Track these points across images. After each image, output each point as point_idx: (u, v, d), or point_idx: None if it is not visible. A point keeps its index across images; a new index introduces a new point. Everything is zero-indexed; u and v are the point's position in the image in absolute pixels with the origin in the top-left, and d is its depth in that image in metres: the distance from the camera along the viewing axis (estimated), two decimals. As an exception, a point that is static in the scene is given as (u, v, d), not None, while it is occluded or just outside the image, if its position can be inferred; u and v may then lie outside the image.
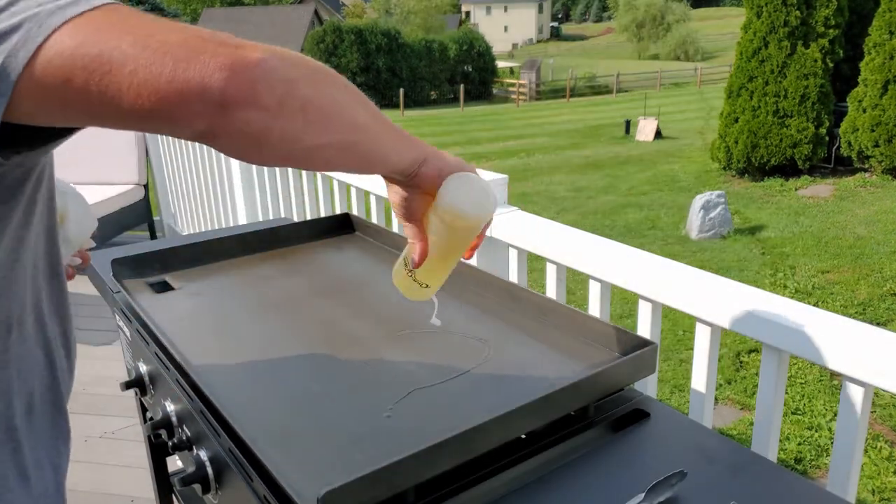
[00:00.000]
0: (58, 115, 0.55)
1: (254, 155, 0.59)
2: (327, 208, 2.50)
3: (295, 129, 0.57)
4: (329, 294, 1.22)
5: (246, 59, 0.53)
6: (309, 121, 0.58)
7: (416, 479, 0.73)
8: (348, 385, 0.93)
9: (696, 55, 47.37)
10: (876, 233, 7.46)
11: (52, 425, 0.81)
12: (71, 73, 0.51)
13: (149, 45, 0.52)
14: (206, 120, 0.53)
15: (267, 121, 0.55)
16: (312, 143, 0.59)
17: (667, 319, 4.97)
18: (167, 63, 0.51)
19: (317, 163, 0.65)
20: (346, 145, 0.63)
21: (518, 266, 1.68)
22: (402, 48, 33.21)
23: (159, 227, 4.79)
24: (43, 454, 0.79)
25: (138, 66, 0.51)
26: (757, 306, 1.12)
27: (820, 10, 9.39)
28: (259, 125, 0.55)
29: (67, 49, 0.51)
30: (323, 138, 0.60)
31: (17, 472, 0.73)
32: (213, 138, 0.56)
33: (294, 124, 0.57)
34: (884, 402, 3.94)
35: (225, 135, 0.55)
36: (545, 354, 1.00)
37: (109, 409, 2.64)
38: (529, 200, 10.12)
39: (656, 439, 0.87)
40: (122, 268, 1.28)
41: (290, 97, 0.56)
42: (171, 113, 0.53)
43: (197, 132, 0.55)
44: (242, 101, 0.53)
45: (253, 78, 0.53)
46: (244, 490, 0.78)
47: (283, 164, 0.64)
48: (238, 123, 0.54)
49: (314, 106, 0.58)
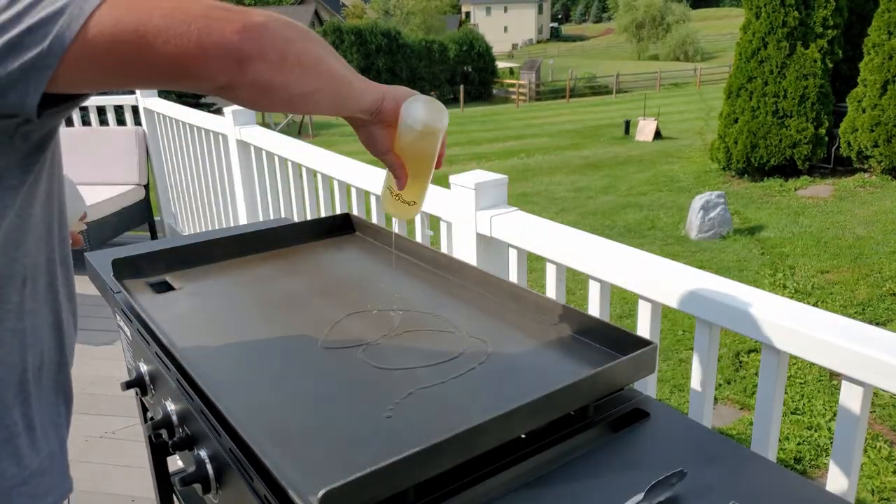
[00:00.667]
0: (98, 82, 0.65)
1: (264, 103, 0.70)
2: (327, 208, 2.50)
3: (293, 79, 0.69)
4: (329, 294, 1.22)
5: (254, 21, 0.64)
6: (303, 72, 0.70)
7: (416, 478, 0.73)
8: (348, 385, 0.93)
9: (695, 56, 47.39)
10: (875, 233, 7.46)
11: (56, 388, 0.85)
12: (113, 46, 0.61)
13: (175, 18, 0.62)
14: (227, 74, 0.64)
15: (272, 72, 0.66)
16: (305, 89, 0.72)
17: (666, 319, 4.97)
18: (192, 31, 0.62)
19: (308, 107, 0.76)
20: (329, 91, 0.76)
21: (518, 266, 1.68)
22: (402, 49, 33.20)
23: (160, 227, 4.79)
24: (46, 413, 0.83)
25: (169, 36, 0.61)
26: (757, 306, 1.12)
27: (819, 11, 9.39)
28: (266, 76, 0.66)
29: (107, 28, 0.61)
30: (312, 86, 0.72)
31: (24, 423, 0.79)
32: (232, 90, 0.66)
33: (291, 75, 0.69)
34: (883, 402, 3.94)
35: (241, 86, 0.66)
36: (545, 354, 1.00)
37: (110, 409, 2.64)
38: (529, 201, 10.13)
39: (656, 439, 0.87)
40: (122, 268, 1.28)
41: (288, 52, 0.67)
42: (199, 71, 0.63)
43: (219, 85, 0.65)
44: (255, 56, 0.64)
45: (260, 37, 0.65)
46: (244, 490, 0.78)
47: (283, 110, 0.74)
48: (251, 75, 0.65)
49: (306, 59, 0.70)
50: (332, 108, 0.80)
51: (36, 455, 0.80)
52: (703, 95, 26.33)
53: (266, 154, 2.90)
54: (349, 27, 32.80)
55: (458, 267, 1.26)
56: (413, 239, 1.56)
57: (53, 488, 0.82)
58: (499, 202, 1.67)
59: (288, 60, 0.67)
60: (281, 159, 2.77)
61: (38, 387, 0.81)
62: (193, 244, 1.38)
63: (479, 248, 1.69)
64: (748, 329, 1.13)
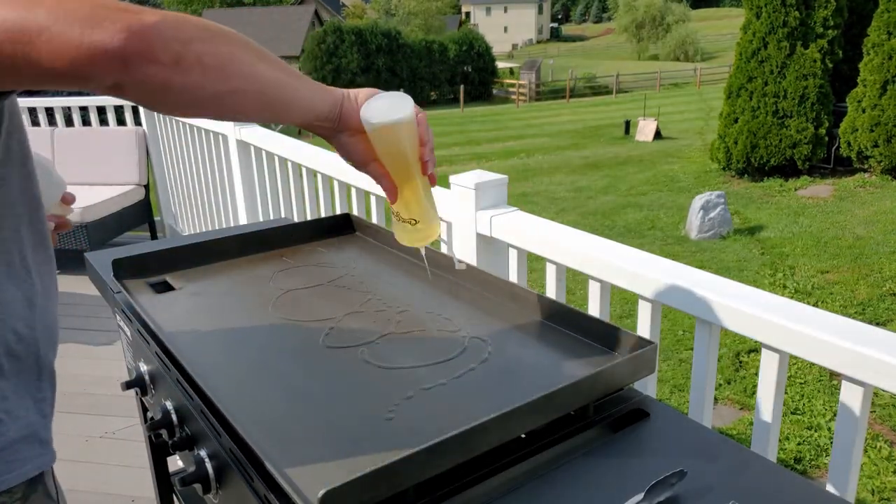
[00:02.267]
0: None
1: (161, 104, 0.70)
2: (327, 208, 2.50)
3: (194, 79, 0.67)
4: (329, 294, 1.22)
5: (143, 22, 0.63)
6: (204, 72, 0.68)
7: (416, 478, 0.73)
8: (349, 385, 0.93)
9: (695, 56, 47.37)
10: (875, 233, 7.46)
11: (36, 365, 0.84)
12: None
13: (59, 16, 0.60)
14: (112, 76, 0.63)
15: (167, 73, 0.65)
16: (214, 90, 0.70)
17: (666, 319, 4.97)
18: (75, 30, 0.60)
19: (227, 108, 0.74)
20: (252, 94, 0.74)
21: (518, 266, 1.68)
22: (402, 48, 33.21)
23: (160, 227, 4.79)
24: (23, 386, 0.82)
25: (52, 34, 0.60)
26: (757, 306, 1.12)
27: (819, 11, 9.39)
28: (160, 77, 0.65)
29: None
30: (224, 86, 0.70)
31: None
32: (121, 91, 0.65)
33: (192, 76, 0.67)
34: (883, 402, 3.94)
35: (130, 87, 0.65)
36: (545, 354, 1.00)
37: (110, 409, 2.64)
38: (529, 201, 10.13)
39: (656, 439, 0.87)
40: (122, 268, 1.28)
41: (185, 53, 0.66)
42: (83, 72, 0.62)
43: (107, 86, 0.64)
44: (141, 58, 0.63)
45: (149, 38, 0.63)
46: (244, 490, 0.78)
47: (196, 113, 0.73)
48: (140, 76, 0.64)
49: (209, 60, 0.68)
50: (266, 113, 0.77)
51: (13, 423, 0.80)
52: (703, 95, 26.33)
53: (266, 154, 2.90)
54: (349, 27, 32.80)
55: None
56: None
57: (33, 458, 0.82)
58: (499, 202, 1.67)
59: (185, 60, 0.66)
60: (281, 159, 2.77)
61: (12, 361, 0.81)
62: (193, 244, 1.38)
63: (479, 248, 1.69)
64: (748, 329, 1.13)
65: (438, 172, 0.99)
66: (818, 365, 1.05)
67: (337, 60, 31.61)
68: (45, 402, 0.86)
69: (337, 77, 31.48)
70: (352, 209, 2.15)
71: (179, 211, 4.43)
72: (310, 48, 32.14)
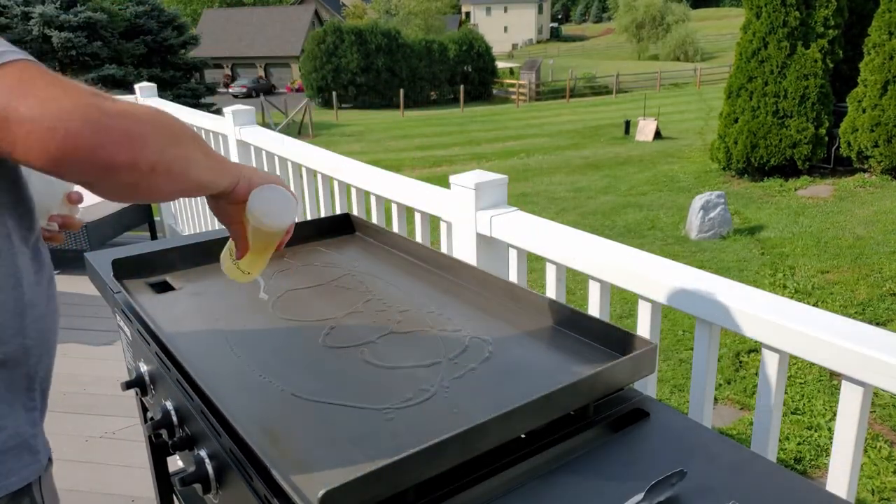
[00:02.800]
0: None
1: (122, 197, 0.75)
2: (327, 208, 2.50)
3: (156, 183, 0.72)
4: (329, 294, 1.22)
5: (130, 131, 0.67)
6: (169, 178, 0.73)
7: (417, 478, 0.73)
8: (349, 385, 0.93)
9: (695, 56, 47.35)
10: (875, 233, 7.47)
11: (27, 374, 0.83)
12: None
13: (46, 111, 0.63)
14: (90, 177, 0.66)
15: (139, 179, 0.69)
16: (169, 190, 0.76)
17: (667, 319, 4.97)
18: (59, 130, 0.62)
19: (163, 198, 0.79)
20: (189, 189, 0.80)
21: (518, 266, 1.68)
22: (402, 48, 33.20)
23: (160, 227, 4.79)
24: (12, 395, 0.82)
25: (33, 128, 0.62)
26: (757, 306, 1.12)
27: (819, 11, 9.40)
28: (131, 181, 0.69)
29: None
30: (173, 188, 0.76)
31: None
32: (91, 188, 0.69)
33: (156, 180, 0.71)
34: (883, 402, 3.95)
35: (102, 187, 0.69)
36: (545, 354, 1.01)
37: (110, 410, 2.64)
38: (529, 200, 10.13)
39: (656, 439, 0.87)
40: (122, 268, 1.28)
41: (159, 162, 0.70)
42: (60, 168, 0.64)
43: (80, 182, 0.68)
44: (124, 167, 0.67)
45: (134, 148, 0.67)
46: (244, 490, 0.78)
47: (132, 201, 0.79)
48: (116, 179, 0.68)
49: (175, 167, 0.74)
50: (183, 196, 0.82)
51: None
52: (703, 95, 26.34)
53: (266, 154, 2.90)
54: (349, 27, 32.80)
55: (458, 267, 1.26)
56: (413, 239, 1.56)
57: (19, 469, 0.82)
58: (499, 202, 1.67)
59: (157, 170, 0.70)
60: (281, 159, 2.77)
61: (2, 370, 0.80)
62: (193, 244, 1.38)
63: (479, 248, 1.68)
64: (748, 329, 1.13)
65: (438, 172, 0.99)
66: (818, 365, 1.05)
67: (337, 60, 31.60)
68: (37, 412, 0.86)
69: (337, 77, 31.49)
70: (352, 209, 2.15)
71: (179, 211, 4.43)
72: (310, 48, 32.13)
